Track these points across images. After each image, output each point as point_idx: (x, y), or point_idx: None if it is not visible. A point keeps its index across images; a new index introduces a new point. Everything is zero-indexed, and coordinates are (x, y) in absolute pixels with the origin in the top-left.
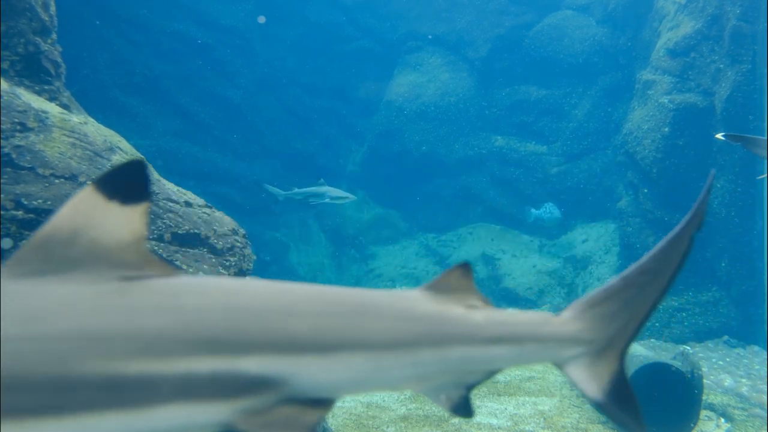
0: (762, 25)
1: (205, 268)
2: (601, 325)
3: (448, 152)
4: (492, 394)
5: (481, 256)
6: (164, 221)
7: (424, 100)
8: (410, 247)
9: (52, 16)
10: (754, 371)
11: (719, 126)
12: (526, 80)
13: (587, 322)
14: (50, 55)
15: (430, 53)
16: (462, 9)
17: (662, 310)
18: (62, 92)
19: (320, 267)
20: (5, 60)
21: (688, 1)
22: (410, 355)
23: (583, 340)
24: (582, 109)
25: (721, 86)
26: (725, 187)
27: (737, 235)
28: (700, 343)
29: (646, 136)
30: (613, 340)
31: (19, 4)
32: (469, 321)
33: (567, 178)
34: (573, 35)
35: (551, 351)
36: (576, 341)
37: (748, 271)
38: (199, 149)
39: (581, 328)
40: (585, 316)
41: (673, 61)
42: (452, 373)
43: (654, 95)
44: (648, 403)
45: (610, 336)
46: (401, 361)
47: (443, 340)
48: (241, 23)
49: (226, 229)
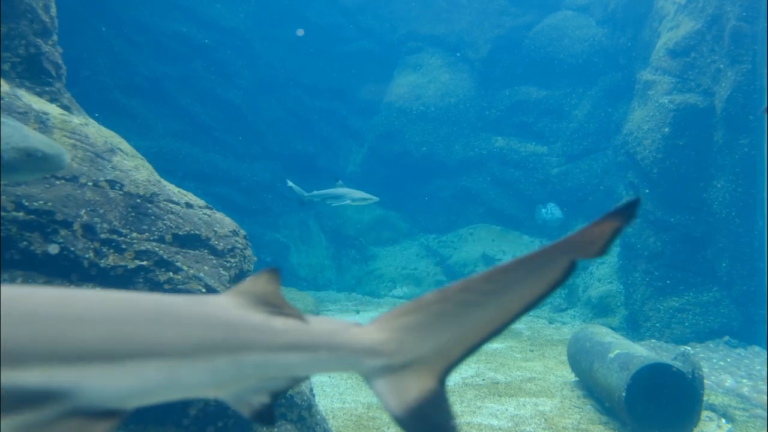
0: (762, 25)
1: (205, 269)
2: (407, 338)
3: (449, 153)
4: (493, 394)
5: (482, 256)
6: (165, 222)
7: (424, 101)
8: (411, 248)
9: (52, 17)
10: (755, 372)
11: (720, 126)
12: (526, 81)
13: (389, 333)
14: (51, 57)
15: (431, 54)
16: (462, 10)
17: (663, 311)
18: (63, 93)
19: (320, 268)
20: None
21: (688, 2)
22: (207, 363)
23: (382, 352)
24: (582, 110)
25: (722, 86)
26: (726, 187)
27: (738, 235)
28: (701, 343)
29: (647, 136)
30: (427, 357)
31: (20, 6)
32: (267, 328)
33: (567, 179)
34: (573, 36)
35: (346, 360)
36: (374, 352)
37: (749, 271)
38: (199, 150)
39: (381, 339)
40: (388, 327)
41: (673, 62)
42: (251, 379)
43: (654, 95)
44: (649, 403)
45: (421, 351)
46: (197, 369)
47: (241, 346)
48: (241, 24)
49: (227, 231)
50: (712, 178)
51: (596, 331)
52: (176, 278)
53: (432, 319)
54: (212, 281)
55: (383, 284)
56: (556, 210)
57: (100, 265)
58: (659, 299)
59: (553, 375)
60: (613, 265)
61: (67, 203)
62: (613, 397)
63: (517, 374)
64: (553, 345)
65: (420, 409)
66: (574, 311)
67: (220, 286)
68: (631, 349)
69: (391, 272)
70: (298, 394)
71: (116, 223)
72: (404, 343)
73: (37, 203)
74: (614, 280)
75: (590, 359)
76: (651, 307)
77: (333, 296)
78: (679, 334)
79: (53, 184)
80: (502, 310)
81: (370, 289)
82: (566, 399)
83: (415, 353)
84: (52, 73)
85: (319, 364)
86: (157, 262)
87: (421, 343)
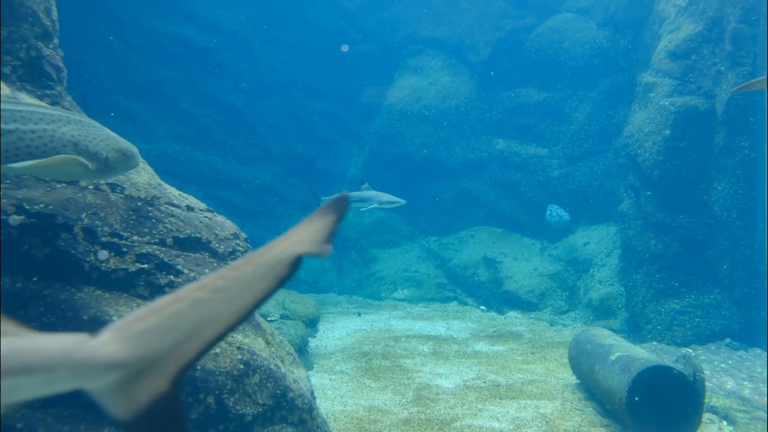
0: (762, 28)
1: (206, 272)
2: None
3: (450, 155)
4: (494, 397)
5: (483, 258)
6: (166, 225)
7: (425, 103)
8: (412, 251)
9: (53, 20)
10: (757, 374)
11: (720, 128)
12: (526, 83)
13: (125, 342)
14: (52, 60)
15: (431, 56)
16: (463, 12)
17: (664, 313)
18: (64, 97)
19: (321, 270)
20: (7, 65)
21: (689, 4)
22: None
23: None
24: (583, 112)
25: (722, 88)
26: (726, 190)
27: (739, 237)
28: (703, 345)
29: (647, 138)
30: (160, 360)
31: (21, 9)
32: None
33: (568, 181)
34: (574, 38)
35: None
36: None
37: (750, 273)
38: (200, 153)
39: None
40: (124, 335)
41: (674, 64)
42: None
43: (655, 98)
44: (650, 406)
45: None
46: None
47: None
48: (242, 27)
49: (228, 233)
50: (712, 180)
51: (597, 333)
52: (177, 281)
53: (167, 320)
54: None
55: (384, 287)
56: (562, 212)
57: (101, 268)
58: (660, 301)
59: (555, 377)
60: (614, 268)
61: (68, 207)
62: (614, 399)
63: (518, 377)
64: (554, 347)
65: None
66: (575, 313)
67: None
68: (632, 351)
69: (392, 275)
70: (299, 397)
71: (117, 226)
72: (139, 348)
73: (38, 207)
74: (615, 283)
75: (591, 362)
76: (652, 309)
77: (334, 299)
78: (680, 336)
79: (54, 187)
80: (234, 306)
81: (371, 292)
82: (567, 401)
83: (150, 357)
84: (53, 77)
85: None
86: (157, 265)
87: (155, 347)
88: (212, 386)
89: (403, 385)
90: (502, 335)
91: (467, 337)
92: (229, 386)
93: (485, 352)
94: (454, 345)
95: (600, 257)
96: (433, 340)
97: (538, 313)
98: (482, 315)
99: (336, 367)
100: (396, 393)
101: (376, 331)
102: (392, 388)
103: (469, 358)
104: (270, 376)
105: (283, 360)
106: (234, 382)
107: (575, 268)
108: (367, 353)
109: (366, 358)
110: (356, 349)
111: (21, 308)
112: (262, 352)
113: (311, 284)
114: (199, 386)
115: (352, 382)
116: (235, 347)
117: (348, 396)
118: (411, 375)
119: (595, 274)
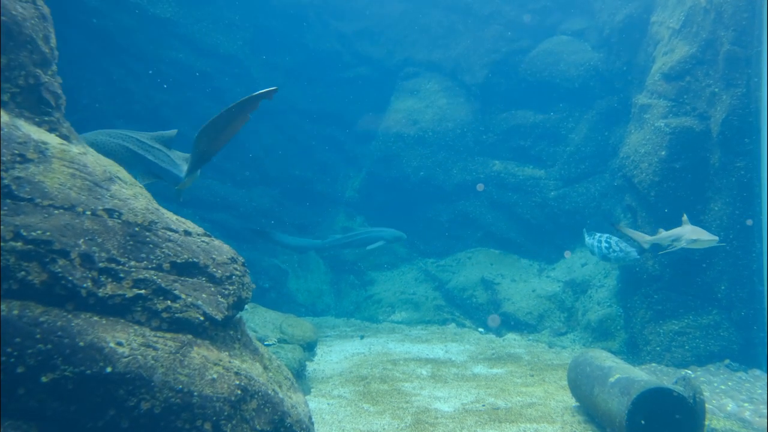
0: (755, 50)
1: (203, 297)
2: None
3: (446, 177)
4: (493, 420)
5: (481, 280)
6: (163, 251)
7: (421, 126)
8: (409, 273)
9: (52, 48)
10: (757, 395)
11: (716, 149)
12: (522, 105)
13: None
14: (50, 87)
15: (427, 79)
16: (458, 35)
17: (663, 334)
18: (62, 123)
19: (319, 293)
20: (6, 92)
21: (682, 26)
22: None
23: None
24: (579, 133)
25: (717, 110)
26: (723, 210)
27: (736, 257)
28: (702, 366)
29: (643, 159)
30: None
31: (20, 37)
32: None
33: (565, 202)
34: (569, 60)
35: None
36: None
37: (749, 293)
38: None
39: None
40: None
41: (669, 85)
42: None
43: (650, 119)
44: (650, 429)
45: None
46: None
47: None
48: (239, 51)
49: (225, 258)
50: (709, 200)
51: (596, 355)
52: (174, 306)
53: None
54: (210, 309)
55: (382, 309)
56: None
57: (98, 294)
58: (659, 322)
59: (554, 400)
60: (612, 289)
61: (65, 233)
62: (614, 422)
63: (518, 399)
64: (553, 369)
65: None
66: (573, 335)
67: (218, 314)
68: (631, 373)
69: (389, 297)
70: (297, 422)
71: (114, 251)
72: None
73: (35, 233)
74: (614, 304)
75: (590, 384)
76: (651, 330)
77: (331, 322)
78: (679, 357)
79: (51, 213)
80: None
81: (369, 315)
82: (567, 425)
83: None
84: (52, 103)
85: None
86: (155, 290)
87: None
88: (209, 413)
89: (402, 409)
90: (500, 357)
91: (466, 359)
92: (226, 412)
93: (484, 374)
94: (452, 368)
95: (598, 278)
96: (432, 363)
97: (537, 335)
98: (480, 337)
99: (334, 391)
100: (394, 417)
101: (374, 355)
102: (391, 413)
103: (467, 381)
104: (268, 401)
105: (281, 385)
106: (231, 408)
107: (573, 289)
108: (365, 377)
109: (364, 382)
110: (354, 373)
111: (17, 335)
112: (260, 377)
113: (309, 307)
114: (196, 413)
115: (350, 407)
116: (232, 372)
117: (346, 421)
118: (409, 399)
119: (594, 295)
